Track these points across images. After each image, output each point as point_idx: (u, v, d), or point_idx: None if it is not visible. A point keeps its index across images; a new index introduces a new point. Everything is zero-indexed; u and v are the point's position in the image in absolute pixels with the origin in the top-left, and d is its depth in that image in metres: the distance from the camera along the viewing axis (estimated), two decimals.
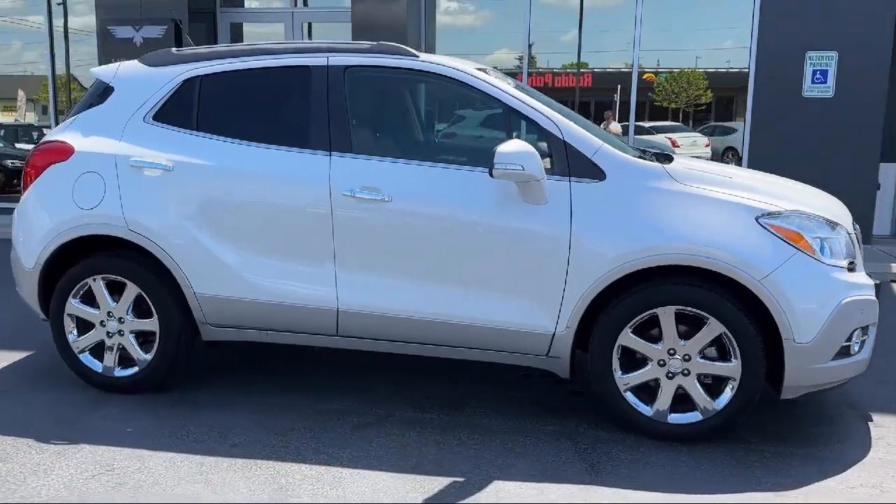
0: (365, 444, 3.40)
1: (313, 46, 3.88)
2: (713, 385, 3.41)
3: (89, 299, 3.95)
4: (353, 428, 3.56)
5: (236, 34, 10.08)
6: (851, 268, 3.43)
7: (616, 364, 3.44)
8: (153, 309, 3.85)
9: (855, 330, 3.36)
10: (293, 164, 3.69)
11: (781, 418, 3.71)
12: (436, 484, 3.03)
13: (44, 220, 3.93)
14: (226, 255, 3.74)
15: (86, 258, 3.90)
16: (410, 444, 3.40)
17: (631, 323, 3.38)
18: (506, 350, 3.59)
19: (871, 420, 3.74)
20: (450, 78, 3.69)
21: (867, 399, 3.98)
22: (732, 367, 3.32)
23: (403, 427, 3.58)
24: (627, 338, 3.40)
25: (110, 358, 3.95)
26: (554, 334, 3.47)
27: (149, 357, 3.90)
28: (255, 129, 3.81)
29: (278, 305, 3.72)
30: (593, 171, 3.44)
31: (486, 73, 3.78)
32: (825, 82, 8.52)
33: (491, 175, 3.34)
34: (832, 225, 3.45)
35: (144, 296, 3.85)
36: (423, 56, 3.78)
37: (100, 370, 3.98)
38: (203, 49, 4.06)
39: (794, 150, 8.51)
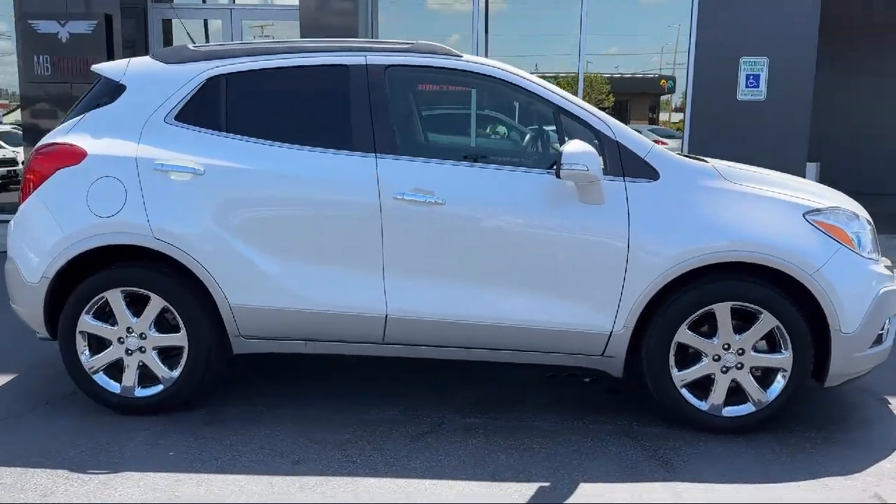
0: (432, 453, 3.30)
1: (347, 45, 3.75)
2: (762, 377, 3.53)
3: (104, 315, 3.64)
4: (411, 438, 3.45)
5: (167, 31, 9.58)
6: (876, 259, 3.64)
7: (672, 361, 3.50)
8: (180, 323, 3.59)
9: (887, 318, 3.56)
10: (338, 166, 3.54)
11: (809, 407, 3.88)
12: (526, 490, 2.98)
13: (52, 229, 3.58)
14: (265, 262, 3.54)
15: (101, 270, 3.60)
16: (477, 450, 3.33)
17: (688, 320, 3.45)
18: (560, 351, 3.58)
19: (889, 403, 3.98)
20: (498, 79, 3.64)
21: (873, 384, 4.22)
22: (784, 359, 3.45)
23: (461, 434, 3.50)
24: (684, 334, 3.47)
25: (130, 377, 3.65)
26: (611, 334, 3.48)
27: (175, 374, 3.64)
28: (290, 130, 3.64)
29: (322, 314, 3.56)
30: (647, 171, 3.48)
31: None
32: (757, 86, 9.01)
33: (558, 176, 3.32)
34: (861, 219, 3.64)
35: (171, 309, 3.59)
36: (467, 56, 3.71)
37: (118, 391, 3.67)
38: (218, 47, 3.84)
39: (730, 150, 8.89)
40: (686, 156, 3.82)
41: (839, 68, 12.58)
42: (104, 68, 3.86)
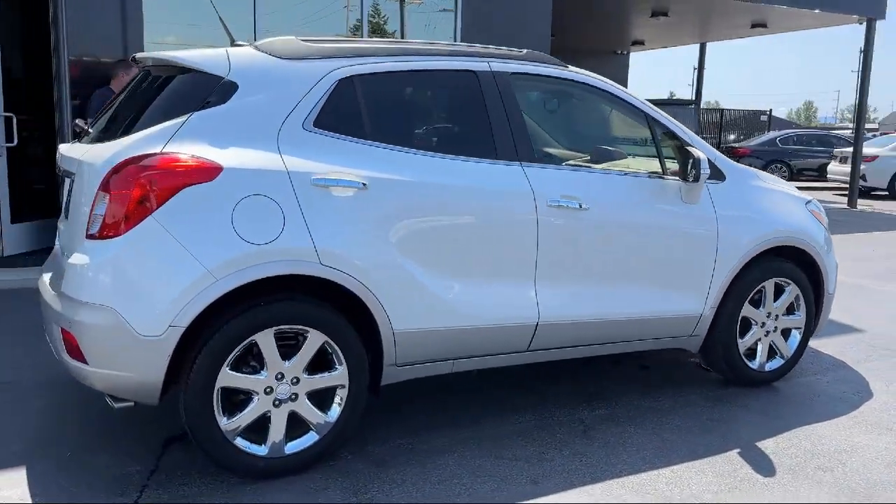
0: (604, 447, 3.45)
1: (468, 50, 3.62)
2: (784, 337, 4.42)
3: (241, 364, 3.00)
4: (563, 441, 3.50)
5: None
6: None
7: (737, 332, 4.19)
8: (341, 358, 3.14)
9: None
10: (494, 175, 3.44)
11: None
12: (723, 464, 3.37)
13: (184, 263, 2.82)
14: (429, 281, 3.29)
15: (247, 307, 2.95)
16: (636, 439, 3.59)
17: (749, 296, 4.17)
18: (666, 336, 4.01)
19: None
20: (601, 90, 3.89)
21: None
22: (800, 319, 4.39)
23: (609, 425, 3.71)
24: (747, 309, 4.19)
25: (278, 432, 3.07)
26: (701, 315, 4.04)
27: (333, 418, 3.17)
28: (431, 137, 3.44)
29: (482, 329, 3.44)
30: (718, 174, 4.09)
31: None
32: None
33: (696, 180, 3.76)
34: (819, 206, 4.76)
35: (332, 345, 3.11)
36: (571, 67, 3.87)
37: (265, 453, 3.06)
38: (332, 43, 3.38)
39: None
40: None
41: None
42: (199, 59, 3.10)
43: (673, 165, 3.94)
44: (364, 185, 3.13)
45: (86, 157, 3.05)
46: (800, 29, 15.74)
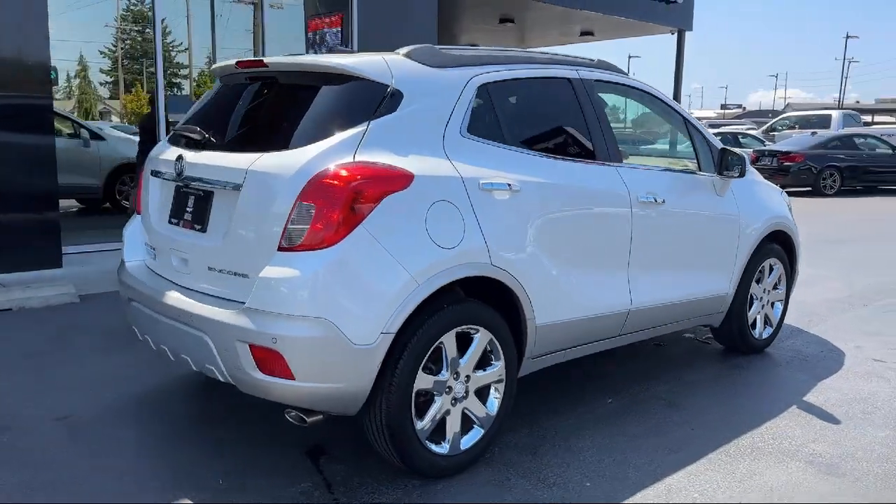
0: (699, 412, 3.93)
1: (559, 59, 3.88)
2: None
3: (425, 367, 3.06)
4: (661, 413, 3.94)
5: None
6: None
7: (747, 307, 4.83)
8: (500, 354, 3.29)
9: None
10: (599, 176, 3.75)
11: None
12: (804, 415, 3.97)
13: (392, 271, 2.85)
14: (562, 277, 3.53)
15: (434, 311, 3.00)
16: (711, 403, 4.09)
17: (755, 274, 4.83)
18: (705, 314, 4.54)
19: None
20: (653, 96, 4.32)
21: None
22: (781, 294, 5.14)
23: (681, 398, 4.16)
24: (754, 286, 4.84)
25: (454, 428, 3.16)
26: (727, 294, 4.62)
27: (493, 411, 3.30)
28: (549, 140, 3.65)
29: (595, 319, 3.73)
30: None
31: None
32: None
33: (742, 175, 4.31)
34: None
35: (494, 342, 3.25)
36: (629, 75, 4.25)
37: (446, 451, 3.14)
38: (461, 50, 3.50)
39: None
40: None
41: None
42: (361, 68, 3.07)
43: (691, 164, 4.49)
44: (518, 188, 3.30)
45: (259, 167, 2.92)
46: (622, 37, 17.42)
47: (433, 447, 3.10)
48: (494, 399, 3.32)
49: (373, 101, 3.05)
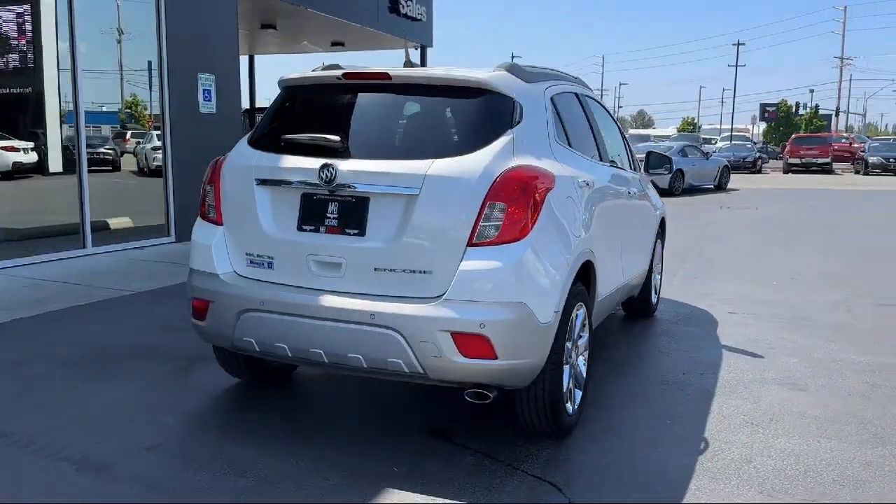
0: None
1: (563, 75, 4.54)
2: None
3: None
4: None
5: None
6: None
7: (652, 279, 5.97)
8: (589, 325, 3.89)
9: None
10: (611, 174, 4.54)
11: None
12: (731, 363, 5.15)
13: (561, 256, 3.39)
14: (607, 256, 4.23)
15: (573, 291, 3.51)
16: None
17: (654, 254, 6.00)
18: (636, 286, 5.56)
19: None
20: (607, 109, 5.18)
21: None
22: (660, 267, 6.39)
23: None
24: (653, 264, 6.01)
25: (569, 394, 3.69)
26: (645, 270, 5.71)
27: (585, 374, 3.89)
28: (584, 144, 4.30)
29: (611, 294, 4.49)
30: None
31: None
32: (210, 100, 10.00)
33: (670, 173, 5.44)
34: None
35: (587, 317, 3.85)
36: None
37: (571, 412, 3.66)
38: (529, 68, 3.98)
39: (200, 156, 9.73)
40: None
41: None
42: (495, 82, 3.44)
43: None
44: (592, 184, 3.94)
45: (436, 172, 3.17)
46: (373, 49, 18.23)
47: (568, 408, 3.61)
48: (583, 365, 3.91)
49: (506, 112, 3.46)
